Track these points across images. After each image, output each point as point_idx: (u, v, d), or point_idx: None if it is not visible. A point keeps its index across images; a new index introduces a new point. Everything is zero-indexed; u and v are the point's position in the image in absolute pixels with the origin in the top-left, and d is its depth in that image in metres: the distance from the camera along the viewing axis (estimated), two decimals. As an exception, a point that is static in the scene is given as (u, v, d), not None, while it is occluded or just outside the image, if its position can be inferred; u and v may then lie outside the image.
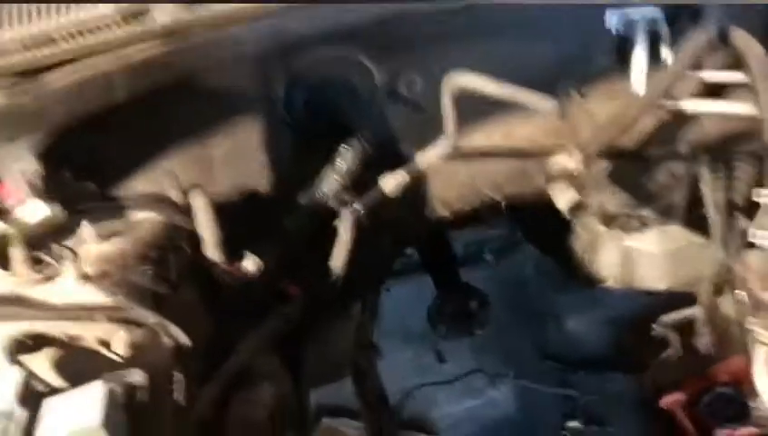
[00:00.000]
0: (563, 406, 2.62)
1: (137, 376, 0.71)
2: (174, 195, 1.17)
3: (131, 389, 0.70)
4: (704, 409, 2.35)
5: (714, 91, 1.62)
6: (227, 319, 1.15)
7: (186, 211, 1.17)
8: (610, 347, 2.85)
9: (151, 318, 0.88)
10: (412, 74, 1.53)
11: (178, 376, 0.82)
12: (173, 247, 1.07)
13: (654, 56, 1.54)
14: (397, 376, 2.83)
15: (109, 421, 0.60)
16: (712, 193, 1.67)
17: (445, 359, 2.90)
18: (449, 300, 2.44)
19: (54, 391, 0.68)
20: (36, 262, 0.95)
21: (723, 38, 1.47)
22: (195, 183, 1.22)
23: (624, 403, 2.61)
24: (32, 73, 1.09)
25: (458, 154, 1.62)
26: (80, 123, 1.16)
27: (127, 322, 0.88)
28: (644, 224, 1.90)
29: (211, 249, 1.12)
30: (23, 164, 1.10)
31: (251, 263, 1.15)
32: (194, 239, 1.14)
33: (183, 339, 0.91)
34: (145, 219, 1.12)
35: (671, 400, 2.42)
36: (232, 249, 1.22)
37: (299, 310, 1.28)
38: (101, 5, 1.27)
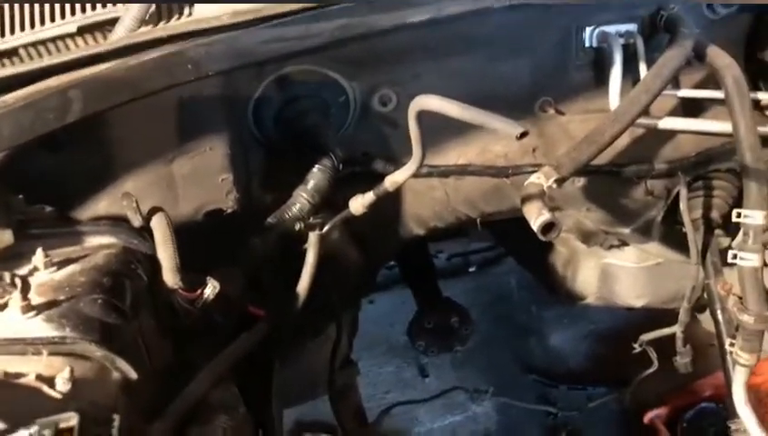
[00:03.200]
0: (544, 421, 2.60)
1: (72, 420, 0.68)
2: (134, 218, 1.13)
3: (63, 432, 0.67)
4: (687, 425, 2.34)
5: (691, 108, 1.61)
6: (187, 343, 1.12)
7: (146, 234, 1.14)
8: (592, 362, 2.84)
9: (97, 351, 0.85)
10: (386, 90, 1.50)
11: (123, 413, 0.79)
12: (129, 273, 1.03)
13: (630, 72, 1.53)
14: (379, 390, 2.81)
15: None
16: (690, 211, 1.65)
17: (427, 373, 2.88)
18: (430, 315, 2.41)
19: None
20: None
21: (700, 54, 1.46)
22: (157, 205, 1.19)
23: (606, 419, 2.59)
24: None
25: (434, 171, 1.60)
26: (35, 143, 1.13)
27: (73, 355, 0.85)
28: (622, 242, 1.89)
29: (170, 274, 1.09)
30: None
31: (211, 289, 1.12)
32: (153, 263, 1.11)
33: (131, 373, 0.88)
34: (102, 244, 1.08)
35: (653, 415, 2.40)
36: (197, 271, 1.19)
37: (263, 334, 1.25)
38: (61, 23, 1.26)
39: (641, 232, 1.77)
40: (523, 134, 1.02)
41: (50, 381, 0.80)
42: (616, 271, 1.97)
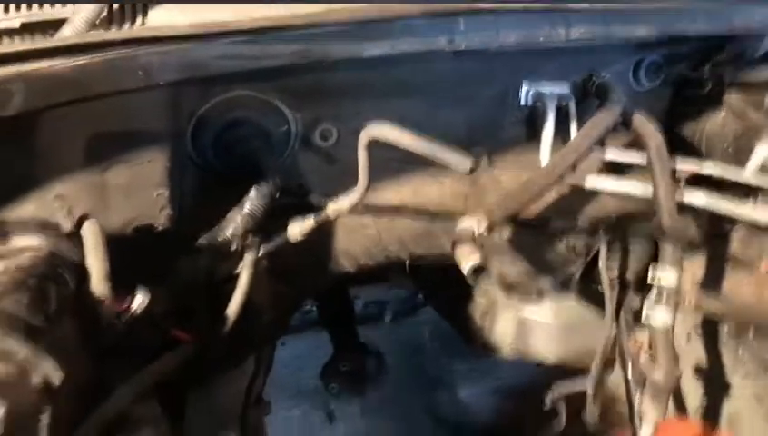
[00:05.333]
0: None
1: (-3, 412, 0.63)
2: (64, 222, 1.09)
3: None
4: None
5: (615, 170, 1.70)
6: (107, 360, 1.07)
7: (74, 240, 1.09)
8: (500, 417, 2.87)
9: (21, 351, 0.80)
10: (328, 125, 1.52)
11: (44, 417, 0.74)
12: (55, 277, 0.98)
13: (561, 132, 1.61)
14: (285, 435, 2.74)
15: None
16: (607, 270, 1.72)
17: (335, 418, 2.83)
18: (346, 358, 2.39)
19: None
20: None
21: (626, 120, 1.55)
22: (87, 212, 1.14)
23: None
24: None
25: (367, 209, 1.61)
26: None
27: (-7, 354, 0.80)
28: (540, 295, 1.95)
29: (98, 283, 1.04)
30: None
31: (139, 302, 1.07)
32: (79, 271, 1.06)
33: (55, 376, 0.83)
34: (28, 245, 1.03)
35: (556, 473, 2.45)
36: (120, 286, 1.14)
37: (187, 356, 1.21)
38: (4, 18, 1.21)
39: (559, 288, 1.83)
40: (472, 170, 1.05)
41: (-33, 380, 0.74)
42: (532, 325, 2.01)
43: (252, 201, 1.35)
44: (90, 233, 1.08)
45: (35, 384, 0.83)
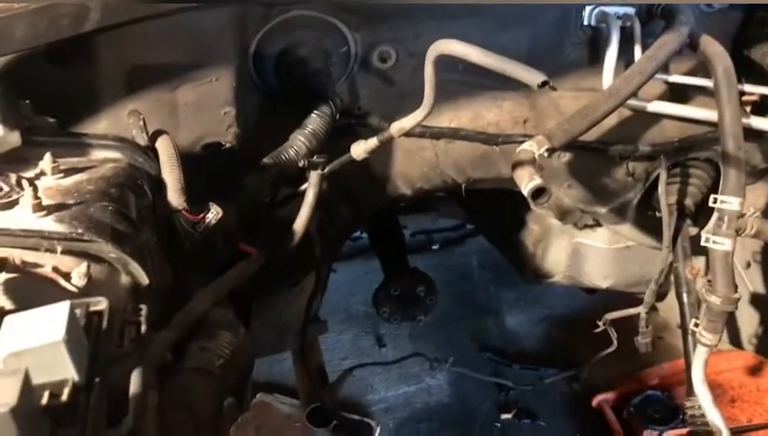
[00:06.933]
0: (497, 398, 2.66)
1: (101, 304, 0.67)
2: (139, 136, 1.12)
3: (93, 314, 0.67)
4: (633, 410, 2.43)
5: (678, 95, 1.66)
6: (184, 269, 1.12)
7: (150, 153, 1.13)
8: (546, 344, 2.92)
9: (112, 253, 0.84)
10: (387, 47, 1.52)
11: (135, 314, 0.78)
12: (135, 188, 1.02)
13: (624, 54, 1.58)
14: (335, 356, 2.83)
15: (71, 340, 0.57)
16: (666, 196, 1.71)
17: (384, 343, 2.91)
18: (396, 282, 2.43)
19: (12, 311, 0.64)
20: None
21: (693, 43, 1.51)
22: (160, 128, 1.18)
23: (556, 400, 2.66)
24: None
25: (426, 132, 1.62)
26: (46, 52, 1.11)
27: (85, 255, 0.84)
28: (596, 222, 1.94)
29: (175, 194, 1.08)
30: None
31: (213, 214, 1.11)
32: (156, 184, 1.10)
33: (143, 278, 0.87)
34: (107, 158, 1.06)
35: (602, 399, 2.49)
36: (192, 200, 1.18)
37: (256, 268, 1.25)
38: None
39: (616, 214, 1.82)
40: (544, 83, 1.05)
41: (66, 276, 0.79)
42: (587, 250, 2.02)
43: (314, 121, 1.37)
44: (164, 147, 1.12)
45: (125, 284, 0.88)
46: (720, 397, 2.20)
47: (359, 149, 1.37)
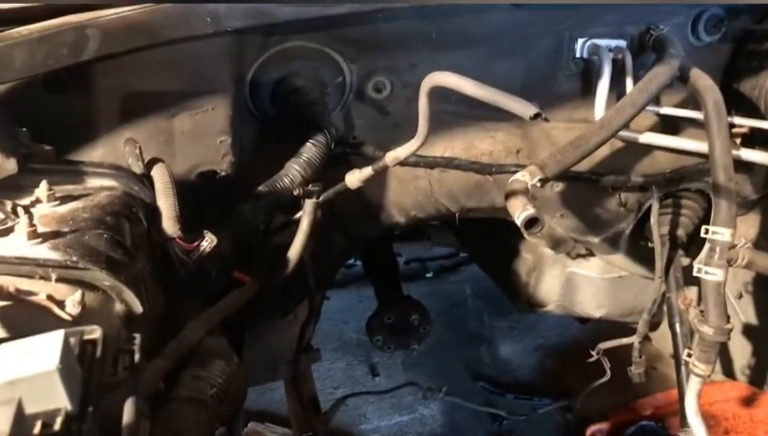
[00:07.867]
0: (490, 428, 2.65)
1: (96, 333, 0.67)
2: (135, 165, 1.13)
3: (87, 343, 0.67)
4: (627, 441, 2.42)
5: (669, 127, 1.68)
6: (178, 297, 1.12)
7: (146, 181, 1.13)
8: (539, 374, 2.91)
9: (106, 280, 0.84)
10: (382, 77, 1.54)
11: (129, 342, 0.78)
12: (130, 216, 1.02)
13: (616, 85, 1.60)
14: (328, 385, 2.82)
15: (65, 369, 0.57)
16: (658, 226, 1.72)
17: (378, 372, 2.90)
18: (391, 310, 2.43)
19: (6, 339, 0.64)
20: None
21: (684, 75, 1.53)
22: (156, 156, 1.18)
23: (550, 430, 2.65)
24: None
25: (420, 162, 1.63)
26: (44, 80, 1.12)
27: (80, 283, 0.84)
28: (589, 252, 1.95)
29: (170, 223, 1.08)
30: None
31: (208, 242, 1.12)
32: (151, 212, 1.10)
33: (137, 306, 0.87)
34: (103, 186, 1.07)
35: (596, 430, 2.48)
36: (187, 229, 1.18)
37: (250, 296, 1.25)
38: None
39: (609, 243, 1.83)
40: (536, 115, 1.06)
41: (60, 304, 0.79)
42: (580, 280, 2.03)
43: (309, 150, 1.38)
44: (160, 175, 1.13)
45: (119, 312, 0.87)
46: (714, 428, 2.19)
47: (354, 178, 1.38)
